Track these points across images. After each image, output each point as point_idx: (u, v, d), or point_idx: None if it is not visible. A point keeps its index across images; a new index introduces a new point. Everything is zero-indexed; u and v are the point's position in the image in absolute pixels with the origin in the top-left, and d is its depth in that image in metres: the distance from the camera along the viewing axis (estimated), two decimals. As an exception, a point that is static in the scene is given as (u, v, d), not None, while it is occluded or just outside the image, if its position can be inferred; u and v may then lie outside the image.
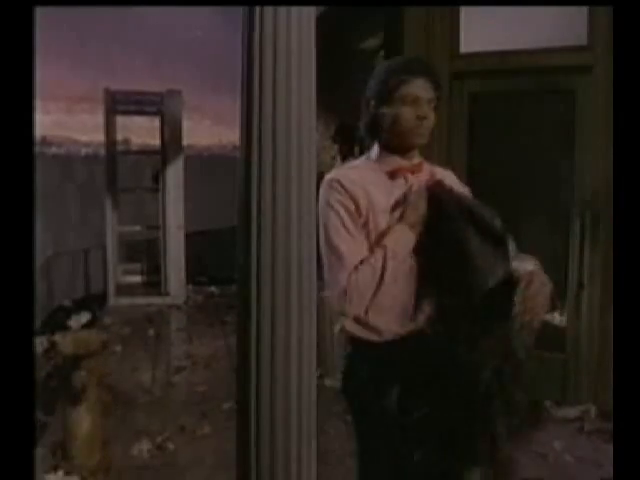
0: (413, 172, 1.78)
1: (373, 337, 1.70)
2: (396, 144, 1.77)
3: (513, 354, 1.61)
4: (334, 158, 4.53)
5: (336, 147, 4.55)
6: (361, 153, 1.90)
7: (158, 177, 6.81)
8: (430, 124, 1.74)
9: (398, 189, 1.74)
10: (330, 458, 3.09)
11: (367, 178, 1.74)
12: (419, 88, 1.74)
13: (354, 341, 1.75)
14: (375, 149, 1.82)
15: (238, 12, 1.32)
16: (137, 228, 7.02)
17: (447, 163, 4.03)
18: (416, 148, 1.78)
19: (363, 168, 1.80)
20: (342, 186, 1.70)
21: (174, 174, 6.68)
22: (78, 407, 2.94)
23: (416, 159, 1.80)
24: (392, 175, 1.77)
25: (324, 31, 1.77)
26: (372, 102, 1.77)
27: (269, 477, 1.35)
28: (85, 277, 7.19)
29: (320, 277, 1.49)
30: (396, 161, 1.78)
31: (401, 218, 1.69)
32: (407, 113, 1.72)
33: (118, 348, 5.07)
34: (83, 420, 2.95)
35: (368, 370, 1.71)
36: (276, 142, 1.31)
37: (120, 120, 6.86)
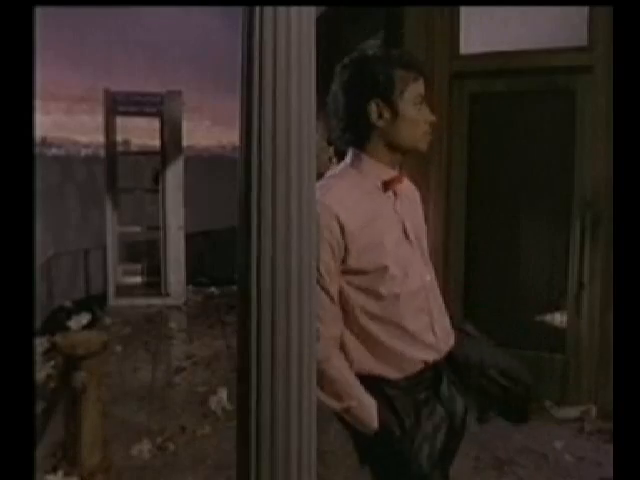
0: (400, 181, 1.63)
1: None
2: (397, 152, 1.58)
3: None
4: (331, 159, 4.54)
5: (332, 149, 4.55)
6: None
7: (158, 178, 6.81)
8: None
9: (389, 199, 1.60)
10: (330, 458, 3.09)
11: (364, 196, 1.55)
12: (423, 88, 1.56)
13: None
14: (357, 157, 1.60)
15: (238, 12, 1.32)
16: (137, 229, 7.02)
17: (447, 163, 4.06)
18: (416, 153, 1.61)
19: (353, 184, 1.57)
20: (339, 225, 1.49)
21: (174, 175, 6.69)
22: (78, 407, 2.94)
23: (397, 166, 1.62)
24: (386, 186, 1.59)
25: (324, 31, 1.73)
26: (371, 102, 1.53)
27: (269, 477, 1.34)
28: (85, 278, 7.19)
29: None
30: (385, 170, 1.59)
31: None
32: (419, 116, 1.54)
33: (118, 348, 5.08)
34: (83, 420, 2.95)
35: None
36: (276, 142, 1.31)
37: (120, 121, 6.86)
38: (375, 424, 1.53)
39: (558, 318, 3.91)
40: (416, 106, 1.53)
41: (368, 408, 1.54)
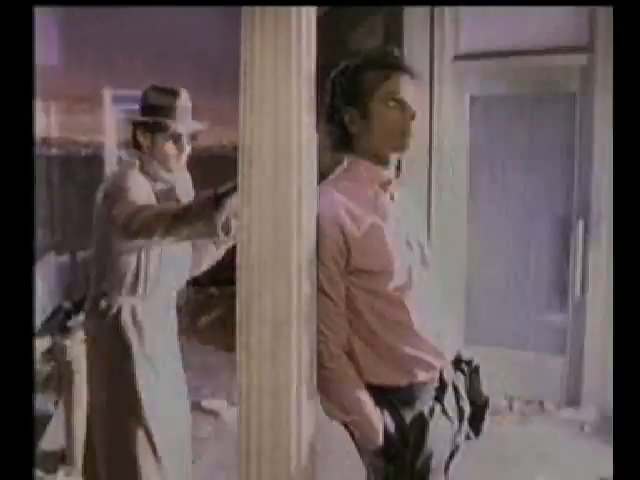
0: (397, 184, 1.62)
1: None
2: (381, 152, 1.57)
3: None
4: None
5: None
6: None
7: (158, 178, 6.79)
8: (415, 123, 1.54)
9: (387, 203, 1.59)
10: (330, 458, 3.08)
11: (363, 199, 1.55)
12: (400, 84, 1.53)
13: None
14: (352, 161, 1.61)
15: (238, 12, 1.32)
16: (137, 229, 7.00)
17: (447, 163, 4.04)
18: (401, 153, 1.59)
19: (350, 187, 1.57)
20: (338, 226, 1.48)
21: (174, 174, 6.67)
22: (78, 408, 2.93)
23: (392, 166, 1.61)
24: (382, 189, 1.59)
25: (324, 31, 1.72)
26: (345, 111, 1.55)
27: (270, 477, 1.34)
28: (85, 278, 7.19)
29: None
30: (380, 173, 1.59)
31: None
32: (393, 114, 1.52)
33: (118, 348, 5.06)
34: (84, 421, 2.94)
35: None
36: (276, 142, 1.31)
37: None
38: (379, 442, 1.51)
39: (558, 318, 3.91)
40: (388, 104, 1.52)
41: (375, 425, 1.51)
